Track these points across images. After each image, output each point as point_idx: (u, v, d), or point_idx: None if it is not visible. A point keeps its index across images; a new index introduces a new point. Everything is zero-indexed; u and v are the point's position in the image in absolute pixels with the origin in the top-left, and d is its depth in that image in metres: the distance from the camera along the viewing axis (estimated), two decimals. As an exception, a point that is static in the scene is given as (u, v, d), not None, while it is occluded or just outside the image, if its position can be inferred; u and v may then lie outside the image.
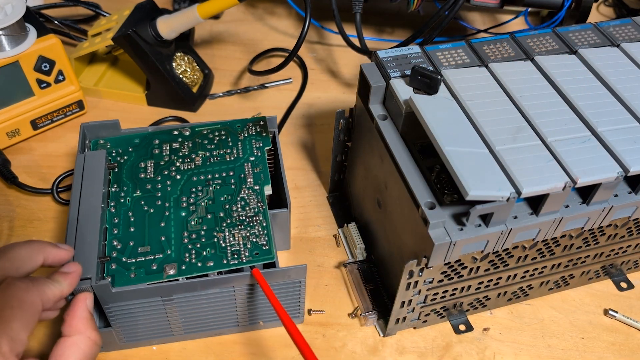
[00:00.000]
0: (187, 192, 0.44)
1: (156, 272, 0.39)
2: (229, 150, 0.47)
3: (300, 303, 0.43)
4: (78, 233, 0.40)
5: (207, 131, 0.49)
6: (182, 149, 0.47)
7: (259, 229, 0.42)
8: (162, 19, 0.59)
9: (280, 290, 0.41)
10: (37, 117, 0.58)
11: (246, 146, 0.48)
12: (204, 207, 0.43)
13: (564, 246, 0.43)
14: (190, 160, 0.46)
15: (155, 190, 0.44)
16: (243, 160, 0.47)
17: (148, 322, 0.41)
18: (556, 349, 0.45)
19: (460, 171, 0.35)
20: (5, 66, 0.53)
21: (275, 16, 0.76)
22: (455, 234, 0.36)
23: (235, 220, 0.43)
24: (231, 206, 0.43)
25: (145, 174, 0.45)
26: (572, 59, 0.45)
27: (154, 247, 0.41)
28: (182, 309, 0.41)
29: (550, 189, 0.35)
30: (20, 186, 0.54)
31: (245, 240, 0.41)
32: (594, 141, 0.38)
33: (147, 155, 0.46)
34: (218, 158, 0.47)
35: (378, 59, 0.44)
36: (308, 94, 0.66)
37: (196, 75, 0.64)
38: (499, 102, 0.41)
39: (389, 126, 0.42)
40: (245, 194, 0.44)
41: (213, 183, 0.45)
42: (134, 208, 0.43)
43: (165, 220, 0.42)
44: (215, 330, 0.44)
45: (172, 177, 0.45)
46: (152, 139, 0.47)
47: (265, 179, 0.45)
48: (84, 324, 0.34)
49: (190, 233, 0.42)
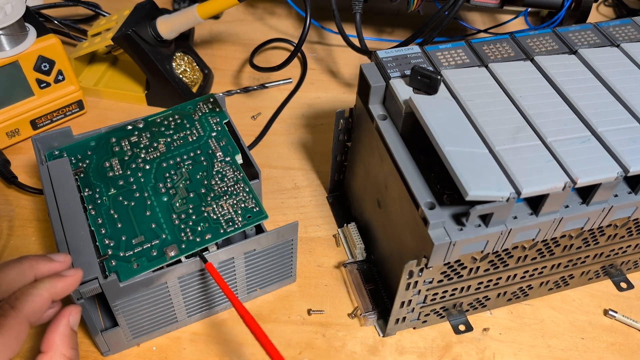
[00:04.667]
0: (162, 179, 0.44)
1: (158, 258, 0.40)
2: (189, 131, 0.48)
3: (292, 262, 0.45)
4: (69, 242, 0.39)
5: (160, 119, 0.49)
6: (142, 140, 0.47)
7: (244, 195, 0.43)
8: (162, 19, 0.59)
9: (273, 253, 0.43)
10: (37, 117, 0.58)
11: (204, 124, 0.48)
12: (183, 187, 0.44)
13: (563, 246, 0.43)
14: (154, 149, 0.46)
15: (129, 184, 0.44)
16: (206, 137, 0.47)
17: (154, 311, 0.42)
18: (556, 349, 0.45)
19: (460, 171, 0.35)
20: (5, 66, 0.53)
21: (275, 16, 0.76)
22: (455, 234, 0.36)
23: (218, 193, 0.43)
24: (209, 181, 0.44)
25: (113, 172, 0.45)
26: (572, 59, 0.45)
27: (147, 235, 0.41)
28: (185, 291, 0.41)
29: (550, 189, 0.35)
30: (20, 186, 0.54)
31: (234, 207, 0.42)
32: (594, 141, 0.38)
33: (109, 154, 0.46)
34: (181, 141, 0.47)
35: (378, 59, 0.44)
36: (308, 94, 0.66)
37: (196, 75, 0.64)
38: (499, 102, 0.41)
39: (388, 126, 0.42)
40: (220, 167, 0.45)
41: (184, 164, 0.45)
42: (113, 205, 0.43)
43: (150, 208, 0.42)
44: (216, 307, 0.45)
45: (142, 169, 0.45)
46: (108, 138, 0.47)
47: (233, 150, 0.46)
48: (62, 341, 0.33)
49: (178, 214, 0.42)
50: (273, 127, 0.62)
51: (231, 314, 0.46)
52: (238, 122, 0.61)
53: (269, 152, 0.59)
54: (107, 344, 0.42)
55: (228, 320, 0.46)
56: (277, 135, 0.61)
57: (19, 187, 0.54)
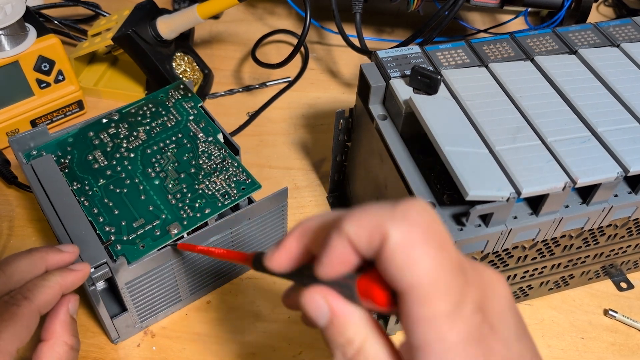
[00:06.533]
0: (149, 164, 0.45)
1: (162, 236, 0.40)
2: (166, 118, 0.48)
3: (284, 228, 0.48)
4: (70, 234, 0.40)
5: (134, 110, 0.49)
6: (121, 131, 0.47)
7: (234, 169, 0.44)
8: (162, 19, 0.59)
9: (267, 220, 0.45)
10: (37, 117, 0.58)
11: (179, 109, 0.49)
12: (173, 170, 0.44)
13: (563, 246, 0.43)
14: (135, 138, 0.47)
15: (117, 173, 0.44)
16: (184, 121, 0.48)
17: (160, 292, 0.43)
18: (556, 349, 0.45)
19: (460, 171, 0.35)
20: (5, 66, 0.53)
21: (275, 16, 0.76)
22: (455, 234, 0.36)
23: (208, 170, 0.44)
24: (197, 160, 0.45)
25: (99, 164, 0.45)
26: (572, 59, 0.45)
27: (147, 217, 0.42)
28: (188, 268, 0.43)
29: (550, 189, 0.35)
30: (20, 186, 0.54)
31: (227, 182, 0.43)
32: (594, 141, 0.38)
33: (90, 148, 0.46)
34: (160, 127, 0.47)
35: (378, 59, 0.44)
36: (308, 94, 0.66)
37: (196, 75, 0.64)
38: (499, 102, 0.41)
39: (388, 126, 0.42)
40: (204, 147, 0.46)
41: (168, 149, 0.46)
42: (106, 195, 0.43)
43: (144, 192, 0.43)
44: (217, 282, 0.47)
45: (127, 157, 0.45)
46: (86, 132, 0.47)
47: (214, 130, 0.47)
48: (62, 328, 0.34)
49: (174, 194, 0.43)
50: (273, 127, 0.62)
51: (231, 314, 0.46)
52: (238, 121, 0.61)
53: (269, 152, 0.59)
54: (117, 331, 0.43)
55: (228, 321, 0.46)
56: (277, 135, 0.61)
57: (19, 187, 0.54)
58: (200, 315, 0.46)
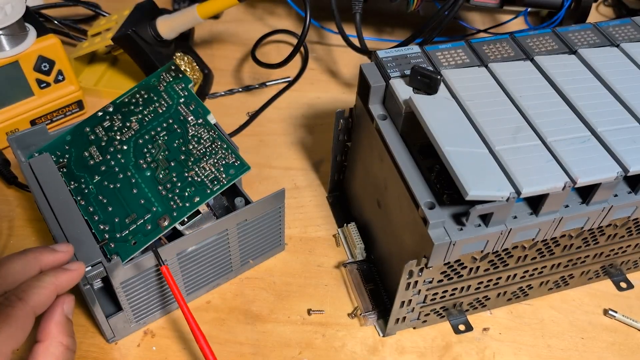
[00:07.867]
0: (141, 155, 0.45)
1: (153, 230, 0.41)
2: (157, 103, 0.48)
3: (281, 230, 0.48)
4: (66, 233, 0.40)
5: (127, 99, 0.49)
6: (115, 123, 0.47)
7: (223, 152, 0.44)
8: (161, 19, 0.59)
9: (264, 221, 0.45)
10: (37, 117, 0.58)
11: (170, 93, 0.48)
12: (164, 159, 0.44)
13: (563, 246, 0.43)
14: (128, 129, 0.47)
15: (111, 167, 0.44)
16: (175, 105, 0.47)
17: (156, 291, 0.43)
18: (556, 349, 0.45)
19: (460, 171, 0.35)
20: (5, 66, 0.53)
21: (275, 16, 0.76)
22: (455, 234, 0.36)
23: (198, 155, 0.44)
24: (187, 146, 0.45)
25: (94, 160, 0.45)
26: (572, 59, 0.45)
27: (139, 212, 0.42)
28: (185, 268, 0.43)
29: (550, 189, 0.35)
30: (20, 186, 0.54)
31: (216, 166, 0.43)
32: (594, 141, 0.38)
33: (86, 144, 0.46)
34: (151, 115, 0.47)
35: (378, 59, 0.44)
36: (308, 94, 0.66)
37: (196, 75, 0.64)
38: (499, 102, 0.41)
39: (388, 126, 0.42)
40: (194, 131, 0.45)
41: (159, 137, 0.46)
42: (100, 191, 0.43)
43: (135, 186, 0.43)
44: (213, 282, 0.47)
45: (120, 150, 0.45)
46: (82, 128, 0.47)
47: (204, 111, 0.46)
48: (58, 329, 0.33)
49: (164, 185, 0.43)
50: (273, 127, 0.62)
51: (231, 314, 0.46)
52: (238, 121, 0.61)
53: (269, 152, 0.59)
54: (113, 330, 0.43)
55: (228, 321, 0.46)
56: (277, 135, 0.61)
57: (19, 187, 0.54)
58: (200, 315, 0.46)
